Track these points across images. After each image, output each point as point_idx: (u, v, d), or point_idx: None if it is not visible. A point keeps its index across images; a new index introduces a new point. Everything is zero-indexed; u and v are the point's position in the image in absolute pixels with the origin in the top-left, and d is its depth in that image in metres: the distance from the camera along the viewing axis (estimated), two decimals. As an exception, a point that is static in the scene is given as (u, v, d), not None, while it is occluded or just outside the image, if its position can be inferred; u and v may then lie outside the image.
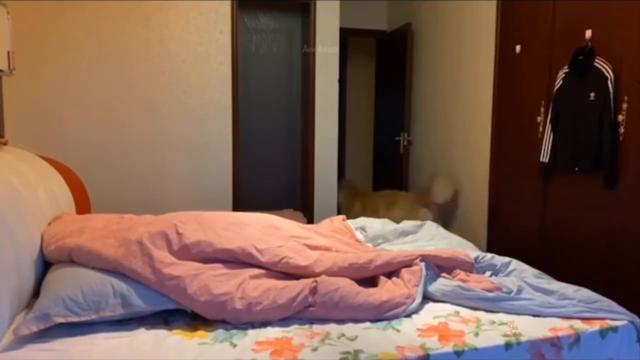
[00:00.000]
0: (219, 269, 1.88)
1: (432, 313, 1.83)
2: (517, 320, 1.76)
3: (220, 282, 1.78)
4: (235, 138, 4.17)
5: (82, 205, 2.97)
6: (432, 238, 2.67)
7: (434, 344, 1.58)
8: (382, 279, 2.03)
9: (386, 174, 5.65)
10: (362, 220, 2.89)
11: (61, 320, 1.54)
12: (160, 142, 3.98)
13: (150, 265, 1.77)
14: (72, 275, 1.70)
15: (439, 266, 2.10)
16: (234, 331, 1.64)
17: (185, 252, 1.91)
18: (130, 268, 1.76)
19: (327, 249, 2.20)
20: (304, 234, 2.30)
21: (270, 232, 2.23)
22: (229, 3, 4.04)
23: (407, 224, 2.82)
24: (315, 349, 1.53)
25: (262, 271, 1.95)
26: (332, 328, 1.68)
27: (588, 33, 2.71)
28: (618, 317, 1.78)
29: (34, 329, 1.49)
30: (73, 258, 1.82)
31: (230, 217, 2.29)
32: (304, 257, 2.03)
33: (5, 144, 2.58)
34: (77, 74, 3.72)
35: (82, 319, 1.58)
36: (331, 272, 1.96)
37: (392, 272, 2.07)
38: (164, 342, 1.54)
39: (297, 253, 2.05)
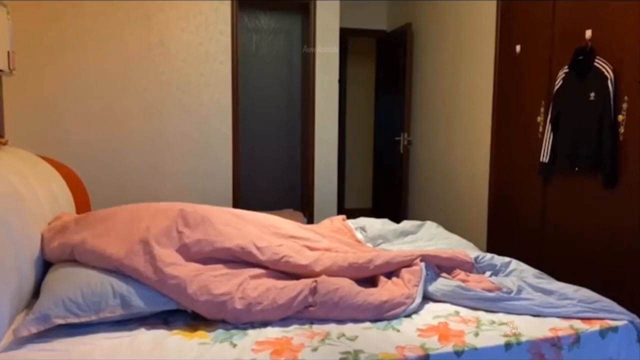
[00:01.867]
0: (219, 269, 1.89)
1: (432, 313, 1.83)
2: (517, 320, 1.76)
3: (220, 282, 1.78)
4: (235, 138, 4.17)
5: (82, 205, 2.97)
6: (432, 238, 2.67)
7: (434, 344, 1.58)
8: (382, 279, 2.02)
9: (386, 174, 5.65)
10: (362, 220, 2.89)
11: (61, 321, 1.54)
12: (160, 142, 3.98)
13: (151, 265, 1.77)
14: (71, 275, 1.70)
15: (439, 266, 2.10)
16: (234, 331, 1.64)
17: (185, 251, 1.92)
18: (133, 267, 1.76)
19: (327, 250, 2.20)
20: (303, 235, 2.30)
21: (270, 231, 2.23)
22: (229, 3, 4.04)
23: (407, 224, 2.82)
24: (315, 349, 1.53)
25: (262, 271, 1.95)
26: (332, 328, 1.68)
27: (588, 33, 2.71)
28: (618, 317, 1.78)
29: (34, 330, 1.49)
30: (75, 256, 1.82)
31: (233, 212, 2.29)
32: (303, 256, 2.03)
33: (5, 144, 2.58)
34: (77, 74, 3.72)
35: (82, 320, 1.58)
36: (331, 272, 1.96)
37: (392, 272, 2.07)
38: (164, 342, 1.54)
39: (297, 252, 2.05)
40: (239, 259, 1.98)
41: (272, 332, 1.64)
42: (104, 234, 1.90)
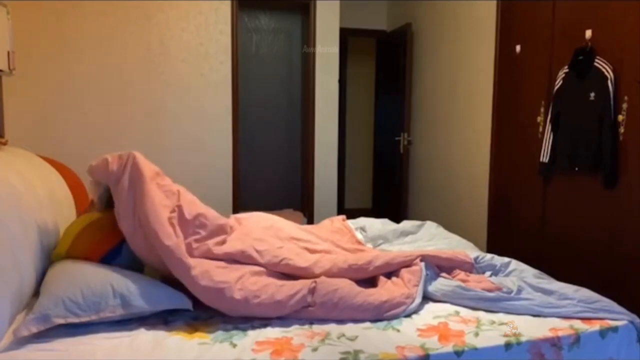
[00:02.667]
0: (220, 265, 1.90)
1: (432, 313, 1.83)
2: (517, 320, 1.76)
3: (221, 273, 1.81)
4: (235, 138, 4.17)
5: (82, 205, 2.97)
6: (432, 238, 2.67)
7: (434, 344, 1.58)
8: (382, 279, 2.03)
9: (386, 174, 5.65)
10: (362, 221, 2.89)
11: (61, 321, 1.54)
12: (161, 142, 3.98)
13: (173, 232, 1.82)
14: (71, 275, 1.70)
15: (438, 266, 2.10)
16: (234, 331, 1.64)
17: (189, 250, 1.94)
18: (153, 229, 1.80)
19: (326, 252, 2.21)
20: (303, 237, 2.30)
21: (270, 233, 2.24)
22: (229, 3, 4.04)
23: (407, 224, 2.82)
24: (315, 349, 1.53)
25: (262, 269, 1.96)
26: (332, 328, 1.68)
27: (588, 33, 2.71)
28: (618, 317, 1.78)
29: (34, 330, 1.49)
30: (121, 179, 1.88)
31: (234, 217, 2.31)
32: (303, 259, 2.03)
33: (5, 144, 2.58)
34: (77, 74, 3.72)
35: (82, 320, 1.57)
36: (331, 274, 1.96)
37: (392, 272, 2.07)
38: (164, 342, 1.54)
39: (296, 255, 2.05)
40: (239, 262, 1.99)
41: (272, 332, 1.64)
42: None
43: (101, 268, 1.78)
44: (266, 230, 2.25)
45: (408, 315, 1.80)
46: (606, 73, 2.57)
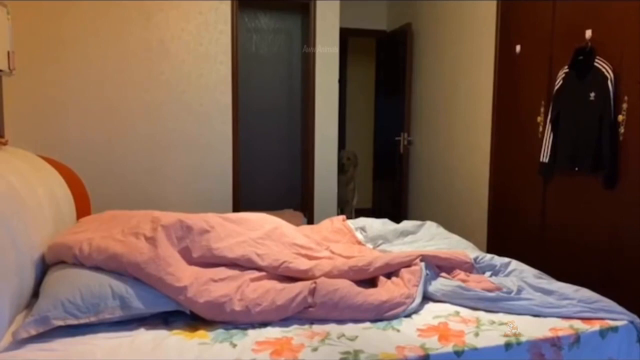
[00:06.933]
0: (219, 273, 1.90)
1: (432, 313, 1.83)
2: (517, 320, 1.76)
3: (219, 287, 1.80)
4: (235, 138, 4.17)
5: (82, 205, 2.97)
6: (432, 238, 2.67)
7: (434, 344, 1.58)
8: (382, 279, 2.02)
9: (386, 174, 5.65)
10: (362, 221, 2.89)
11: (60, 323, 1.54)
12: (160, 142, 3.98)
13: (154, 263, 1.77)
14: (70, 277, 1.70)
15: (438, 266, 2.10)
16: (234, 331, 1.65)
17: (187, 255, 1.94)
18: (135, 262, 1.76)
19: (328, 259, 2.20)
20: (305, 244, 2.29)
21: (272, 237, 2.23)
22: (229, 3, 4.04)
23: (407, 224, 2.82)
24: (315, 349, 1.53)
25: (263, 274, 1.96)
26: (332, 328, 1.69)
27: (588, 33, 2.71)
28: (618, 317, 1.78)
29: (33, 332, 1.49)
30: (77, 255, 1.81)
31: (234, 218, 2.30)
32: (304, 261, 2.04)
33: (5, 144, 2.58)
34: (77, 74, 3.72)
35: (81, 321, 1.57)
36: (331, 276, 1.96)
37: (392, 272, 2.07)
38: (164, 342, 1.54)
39: (296, 258, 2.05)
40: (240, 266, 1.99)
41: (272, 332, 1.64)
42: (107, 236, 1.92)
43: (101, 269, 1.78)
44: (270, 233, 2.24)
45: (408, 315, 1.80)
46: (606, 73, 2.57)
